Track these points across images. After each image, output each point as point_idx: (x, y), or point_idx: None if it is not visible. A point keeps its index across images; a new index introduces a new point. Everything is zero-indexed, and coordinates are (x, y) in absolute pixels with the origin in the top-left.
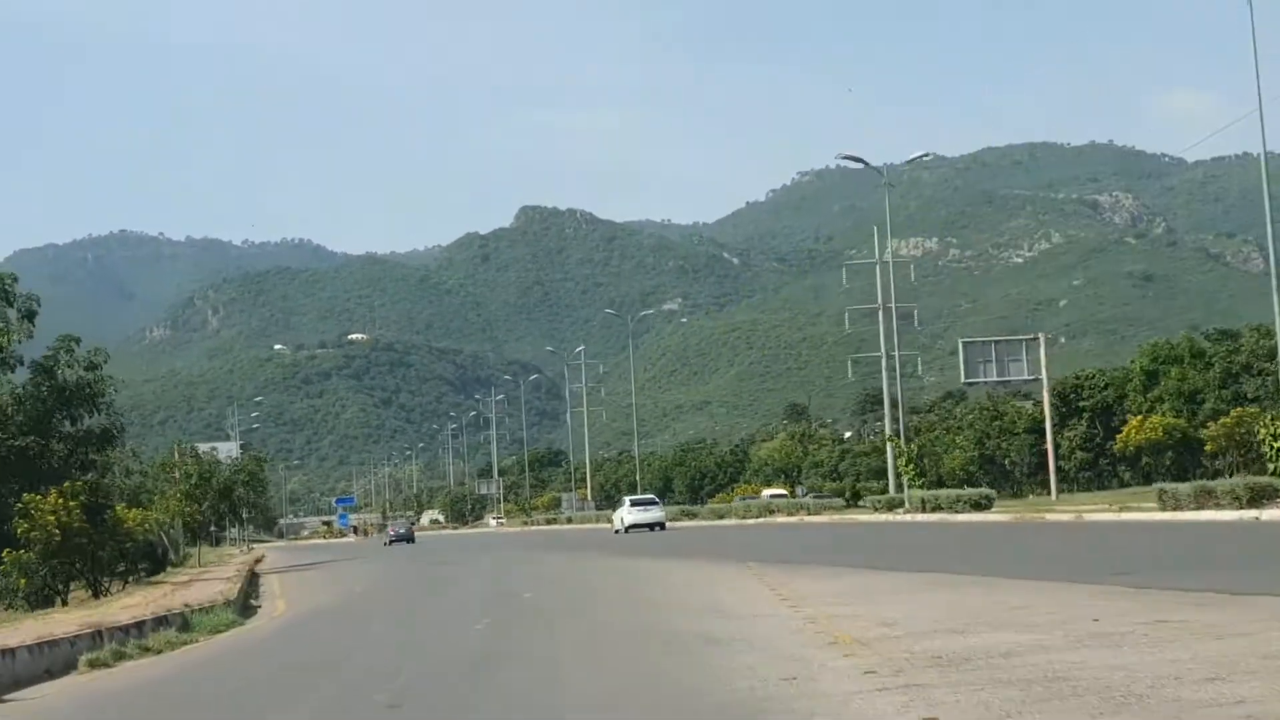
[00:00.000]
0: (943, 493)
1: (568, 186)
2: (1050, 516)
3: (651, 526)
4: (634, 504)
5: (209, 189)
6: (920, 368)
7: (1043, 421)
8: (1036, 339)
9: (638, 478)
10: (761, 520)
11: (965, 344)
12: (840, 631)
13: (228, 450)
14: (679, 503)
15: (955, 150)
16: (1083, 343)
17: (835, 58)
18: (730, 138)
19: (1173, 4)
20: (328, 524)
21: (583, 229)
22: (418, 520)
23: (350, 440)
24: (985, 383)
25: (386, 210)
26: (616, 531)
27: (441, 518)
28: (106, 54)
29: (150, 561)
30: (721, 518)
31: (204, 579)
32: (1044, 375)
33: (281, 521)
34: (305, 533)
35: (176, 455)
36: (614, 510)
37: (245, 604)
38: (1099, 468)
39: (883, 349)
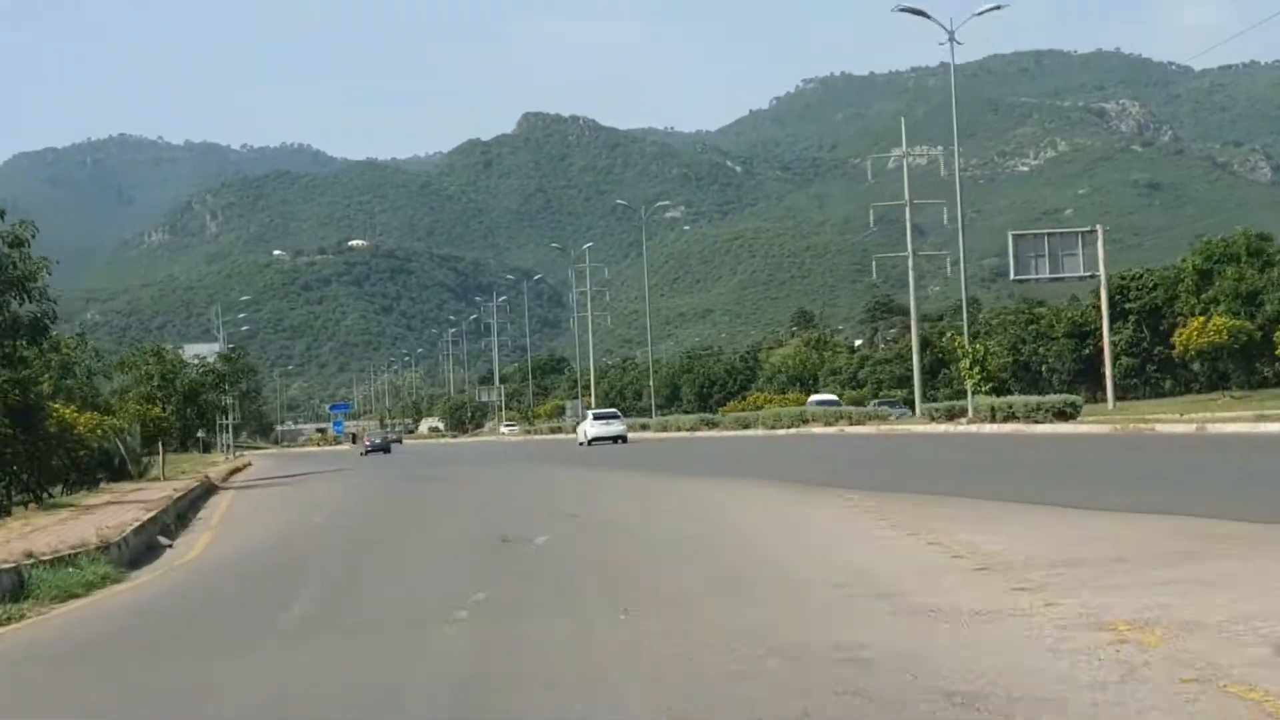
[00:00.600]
0: (1018, 399)
1: (570, 94)
2: (1162, 428)
3: (615, 439)
4: (596, 418)
5: (208, 93)
6: (949, 268)
7: (1084, 325)
8: (1094, 232)
9: (650, 383)
10: (794, 430)
11: (1016, 237)
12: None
13: (209, 352)
14: (687, 410)
15: (961, 57)
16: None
17: None
18: (733, 45)
19: None
20: (322, 431)
21: (585, 136)
22: (415, 428)
23: (350, 347)
24: (1037, 280)
25: (387, 116)
26: (580, 444)
27: (441, 425)
28: None
29: (108, 471)
30: (747, 427)
31: (131, 499)
32: (1102, 271)
33: (278, 428)
34: (301, 440)
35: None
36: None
37: (161, 535)
38: (1146, 374)
39: (909, 248)
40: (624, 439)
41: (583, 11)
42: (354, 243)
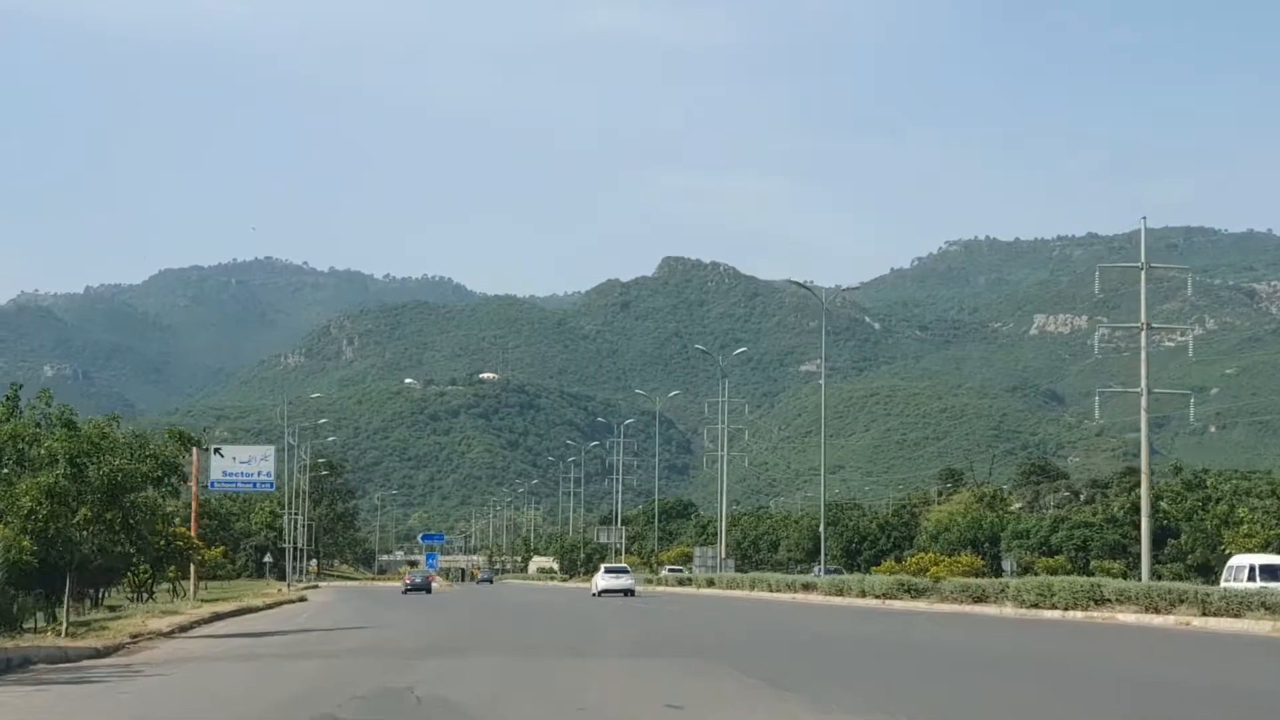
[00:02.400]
0: None
1: (712, 241)
2: None
3: (625, 593)
4: (608, 571)
5: (355, 223)
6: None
7: None
8: None
9: (823, 533)
10: (1068, 615)
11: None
12: None
13: (260, 455)
14: (834, 568)
15: (1109, 229)
16: (1233, 433)
17: (988, 136)
18: (878, 203)
19: None
20: (413, 563)
21: (725, 283)
22: (524, 568)
23: (474, 480)
24: None
25: (528, 254)
26: (593, 595)
27: (555, 566)
28: (271, 90)
29: None
30: (980, 600)
31: None
32: None
33: (382, 558)
34: (403, 570)
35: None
36: (592, 576)
37: None
38: None
39: (1144, 384)
40: (632, 592)
41: (728, 164)
42: (485, 375)
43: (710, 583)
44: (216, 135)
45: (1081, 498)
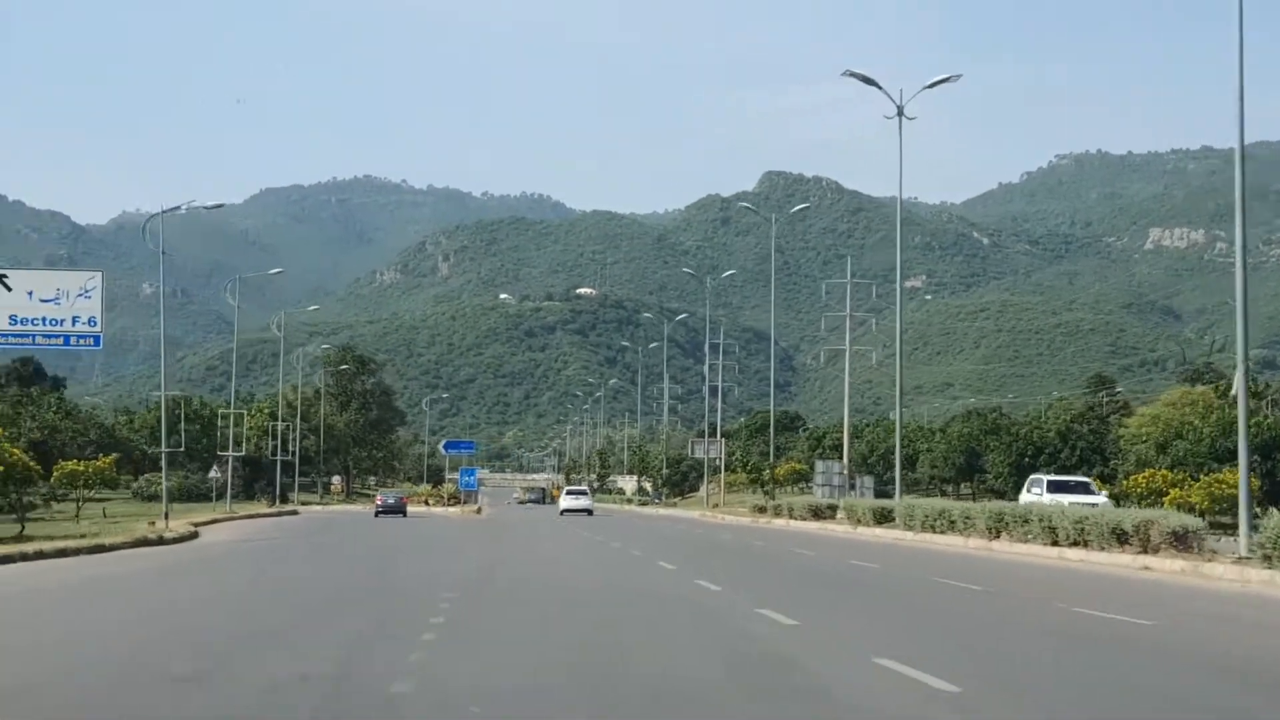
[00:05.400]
0: None
1: (814, 156)
2: None
3: (589, 512)
4: (569, 492)
5: (455, 140)
6: (1211, 354)
7: None
8: None
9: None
10: None
11: None
12: None
13: (80, 288)
14: (994, 487)
15: (1227, 141)
16: None
17: (1100, 50)
18: (984, 122)
19: None
20: (437, 484)
21: (828, 198)
22: (608, 487)
23: (570, 398)
24: None
25: (628, 170)
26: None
27: (649, 486)
28: (371, 11)
29: None
30: None
31: None
32: None
33: (450, 476)
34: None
35: None
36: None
37: None
38: None
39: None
40: (590, 512)
41: (830, 80)
42: (582, 290)
43: (883, 517)
44: (318, 56)
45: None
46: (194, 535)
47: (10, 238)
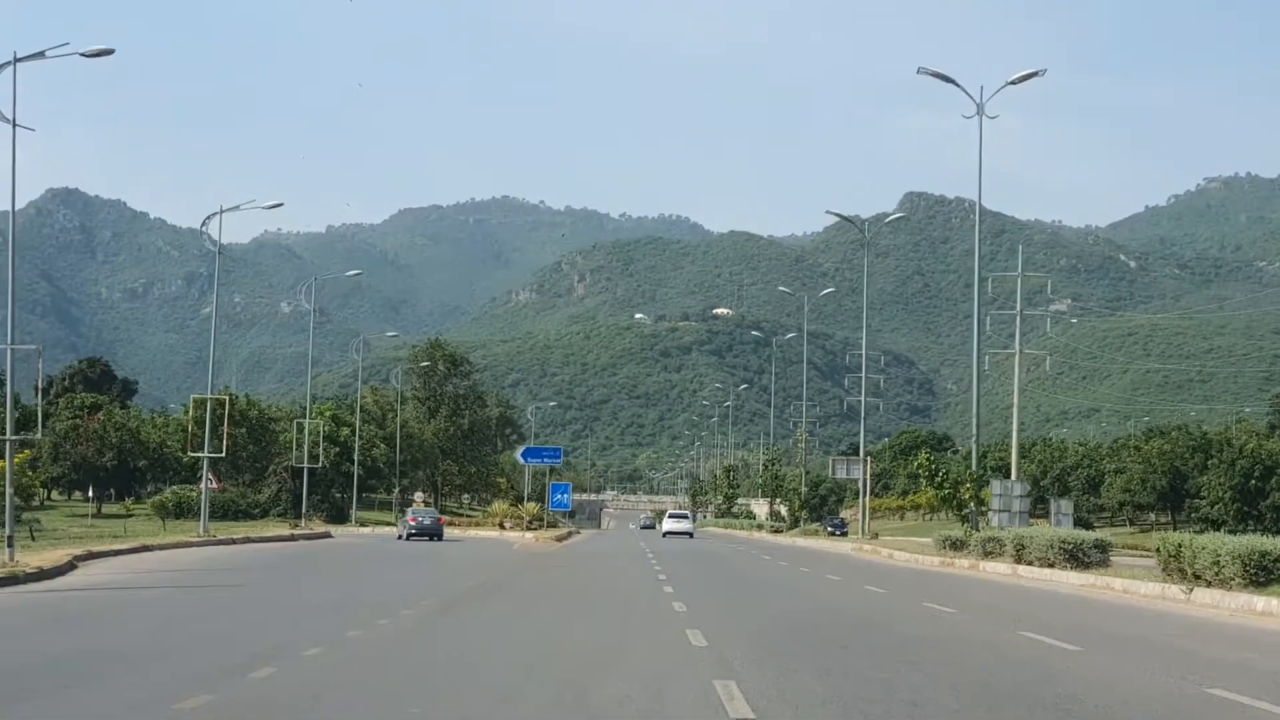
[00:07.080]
0: None
1: (955, 178)
2: None
3: (689, 535)
4: (670, 516)
5: (593, 162)
6: None
7: None
8: None
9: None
10: None
11: None
12: None
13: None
14: (1209, 516)
15: None
16: None
17: (1250, 71)
18: (1131, 145)
19: None
20: (517, 503)
21: (970, 219)
22: (736, 511)
23: (705, 420)
24: None
25: (767, 192)
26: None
27: (784, 510)
28: (512, 34)
29: None
30: None
31: None
32: None
33: (593, 500)
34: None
35: None
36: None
37: None
38: None
39: None
40: (690, 535)
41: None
42: (719, 310)
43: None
44: (455, 78)
45: None
46: (62, 571)
47: (152, 256)
